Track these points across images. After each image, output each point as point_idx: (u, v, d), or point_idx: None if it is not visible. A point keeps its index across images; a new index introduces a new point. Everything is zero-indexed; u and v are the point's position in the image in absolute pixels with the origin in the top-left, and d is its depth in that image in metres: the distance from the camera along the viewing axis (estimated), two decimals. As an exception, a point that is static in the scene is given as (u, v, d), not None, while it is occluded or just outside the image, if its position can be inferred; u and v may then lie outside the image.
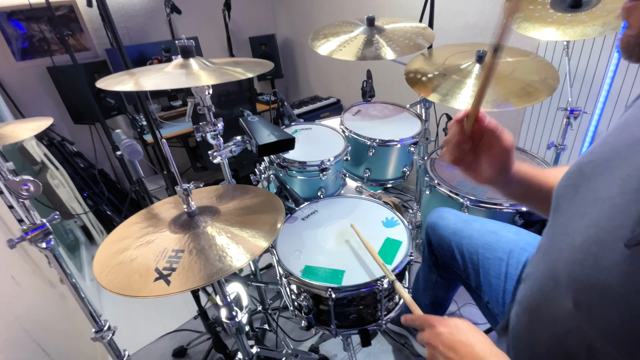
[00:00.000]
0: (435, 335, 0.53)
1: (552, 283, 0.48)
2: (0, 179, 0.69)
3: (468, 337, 0.51)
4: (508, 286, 0.82)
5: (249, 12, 2.89)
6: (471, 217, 1.00)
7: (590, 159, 0.48)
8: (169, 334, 1.66)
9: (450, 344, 0.51)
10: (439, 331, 0.53)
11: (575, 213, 0.46)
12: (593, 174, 0.46)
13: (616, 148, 0.44)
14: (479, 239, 0.91)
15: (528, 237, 0.88)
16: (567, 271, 0.43)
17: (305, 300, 0.93)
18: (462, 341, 0.51)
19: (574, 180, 0.49)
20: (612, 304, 0.36)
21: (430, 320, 0.56)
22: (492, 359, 0.48)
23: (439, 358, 0.52)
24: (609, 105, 1.41)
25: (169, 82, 0.79)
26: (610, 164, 0.44)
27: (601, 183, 0.44)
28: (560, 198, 0.52)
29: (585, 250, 0.41)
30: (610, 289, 0.36)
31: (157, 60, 2.20)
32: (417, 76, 1.28)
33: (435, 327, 0.54)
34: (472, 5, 1.71)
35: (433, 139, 1.89)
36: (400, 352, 1.43)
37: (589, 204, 0.44)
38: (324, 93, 2.87)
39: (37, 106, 2.22)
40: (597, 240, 0.40)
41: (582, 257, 0.41)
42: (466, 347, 0.50)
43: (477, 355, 0.49)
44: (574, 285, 0.42)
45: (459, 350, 0.50)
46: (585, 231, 0.42)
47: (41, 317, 1.20)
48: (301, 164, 1.21)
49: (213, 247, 0.69)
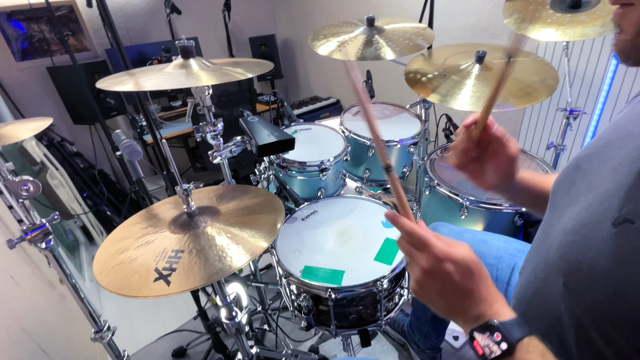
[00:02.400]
0: (441, 272, 0.45)
1: (545, 269, 0.49)
2: (0, 179, 0.69)
3: (475, 283, 0.45)
4: (499, 289, 0.84)
5: (249, 12, 2.89)
6: (463, 229, 1.02)
7: (586, 153, 0.50)
8: (168, 335, 1.65)
9: (455, 286, 0.45)
10: (448, 270, 0.44)
11: (570, 203, 0.48)
12: (589, 167, 0.48)
13: (610, 142, 0.46)
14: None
15: (516, 244, 0.91)
16: (559, 254, 0.45)
17: (305, 300, 0.93)
18: (469, 286, 0.45)
19: (570, 174, 0.51)
20: (599, 280, 0.38)
21: (435, 248, 0.45)
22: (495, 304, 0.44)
23: (433, 292, 0.47)
24: (609, 105, 1.41)
25: (169, 82, 0.79)
26: (603, 156, 0.46)
27: (595, 174, 0.45)
28: (556, 192, 0.53)
29: (576, 233, 0.42)
30: (597, 265, 0.38)
31: (157, 60, 2.20)
32: (416, 76, 1.28)
33: (443, 263, 0.44)
34: (471, 5, 1.71)
35: (433, 139, 1.89)
36: (400, 352, 1.43)
37: (582, 194, 0.46)
38: (324, 93, 2.87)
39: (37, 106, 2.22)
40: (587, 222, 0.41)
41: (572, 239, 0.43)
42: (471, 292, 0.45)
43: (478, 298, 0.45)
44: (564, 267, 0.43)
45: (463, 293, 0.45)
46: (576, 216, 0.44)
47: (41, 317, 1.20)
48: (301, 164, 1.21)
49: (213, 247, 0.69)
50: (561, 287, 0.43)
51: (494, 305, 0.45)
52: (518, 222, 1.11)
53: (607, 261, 0.37)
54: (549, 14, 1.15)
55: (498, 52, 1.29)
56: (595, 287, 0.38)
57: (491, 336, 0.41)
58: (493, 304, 0.45)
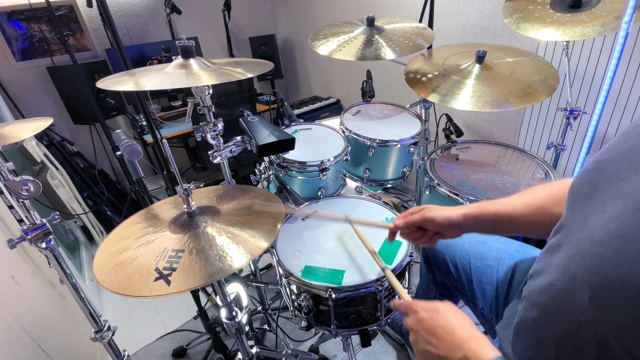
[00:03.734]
0: (417, 321, 0.55)
1: (565, 278, 0.47)
2: (0, 179, 0.69)
3: (448, 321, 0.53)
4: (500, 290, 0.85)
5: (249, 12, 2.89)
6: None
7: (610, 156, 0.47)
8: (168, 334, 1.65)
9: (431, 329, 0.53)
10: (421, 317, 0.55)
11: (594, 210, 0.45)
12: (614, 171, 0.45)
13: (638, 145, 0.44)
14: (470, 250, 0.94)
15: (516, 245, 0.90)
16: (585, 265, 0.42)
17: (305, 300, 0.93)
18: (442, 326, 0.52)
19: (592, 177, 0.48)
20: (632, 299, 0.35)
21: (414, 306, 0.58)
22: (471, 342, 0.49)
23: (421, 343, 0.54)
24: (609, 105, 1.41)
25: (169, 82, 0.79)
26: (633, 161, 0.43)
27: (624, 180, 0.43)
28: (576, 195, 0.51)
29: (606, 245, 0.40)
30: (631, 282, 0.35)
31: (157, 60, 2.20)
32: (416, 76, 1.28)
33: (418, 313, 0.56)
34: (471, 5, 1.71)
35: (433, 139, 1.89)
36: (400, 352, 1.43)
37: (609, 201, 0.43)
38: (324, 93, 2.87)
39: (37, 106, 2.22)
40: (619, 234, 0.39)
41: (601, 251, 0.40)
42: (446, 331, 0.52)
43: (457, 339, 0.50)
44: (591, 280, 0.41)
45: (439, 335, 0.52)
46: (604, 226, 0.41)
47: (41, 317, 1.20)
48: (301, 164, 1.21)
49: (213, 247, 0.69)
50: (586, 300, 0.41)
51: (473, 347, 0.49)
52: (518, 222, 1.11)
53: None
54: (549, 13, 1.15)
55: (498, 52, 1.29)
56: (627, 306, 0.36)
57: None
58: (471, 346, 0.49)
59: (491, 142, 1.46)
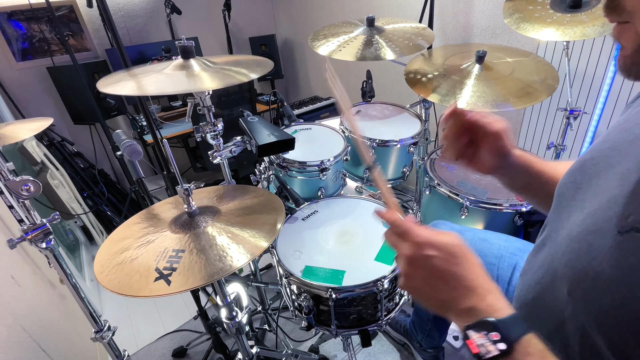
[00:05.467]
0: (423, 258, 0.45)
1: (548, 275, 0.48)
2: (0, 179, 0.69)
3: (463, 268, 0.44)
4: (500, 288, 0.84)
5: (249, 12, 2.89)
6: (463, 228, 1.01)
7: (592, 156, 0.48)
8: (169, 334, 1.65)
9: (439, 273, 0.44)
10: (428, 254, 0.45)
11: (576, 209, 0.47)
12: (594, 171, 0.46)
13: (617, 145, 0.45)
14: (471, 247, 0.93)
15: (518, 243, 0.90)
16: (564, 261, 0.44)
17: (305, 300, 0.93)
18: (454, 272, 0.44)
19: (575, 177, 0.50)
20: (604, 288, 0.37)
21: (416, 235, 0.46)
22: (488, 297, 0.43)
23: (418, 280, 0.46)
24: (609, 105, 1.41)
25: (173, 87, 0.79)
26: (610, 160, 0.44)
27: (602, 179, 0.44)
28: (561, 195, 0.52)
29: (582, 240, 0.41)
30: (602, 273, 0.37)
31: (157, 60, 2.20)
32: (416, 76, 1.28)
33: (423, 248, 0.45)
34: (472, 5, 1.71)
35: (433, 139, 1.89)
36: (400, 352, 1.43)
37: (588, 199, 0.45)
38: (324, 93, 2.87)
39: (37, 106, 2.22)
40: (593, 229, 0.40)
41: (577, 246, 0.42)
42: (458, 279, 0.44)
43: (468, 289, 0.43)
44: (569, 274, 0.42)
45: (448, 281, 0.44)
46: (582, 222, 0.43)
47: (41, 317, 1.20)
48: (301, 164, 1.21)
49: (213, 247, 0.69)
50: (565, 294, 0.42)
51: (487, 298, 0.42)
52: (518, 222, 1.11)
53: (612, 270, 0.36)
54: (549, 13, 1.15)
55: (498, 52, 1.29)
56: (600, 296, 0.38)
57: (487, 335, 0.39)
58: (486, 296, 0.42)
59: (491, 142, 1.45)
